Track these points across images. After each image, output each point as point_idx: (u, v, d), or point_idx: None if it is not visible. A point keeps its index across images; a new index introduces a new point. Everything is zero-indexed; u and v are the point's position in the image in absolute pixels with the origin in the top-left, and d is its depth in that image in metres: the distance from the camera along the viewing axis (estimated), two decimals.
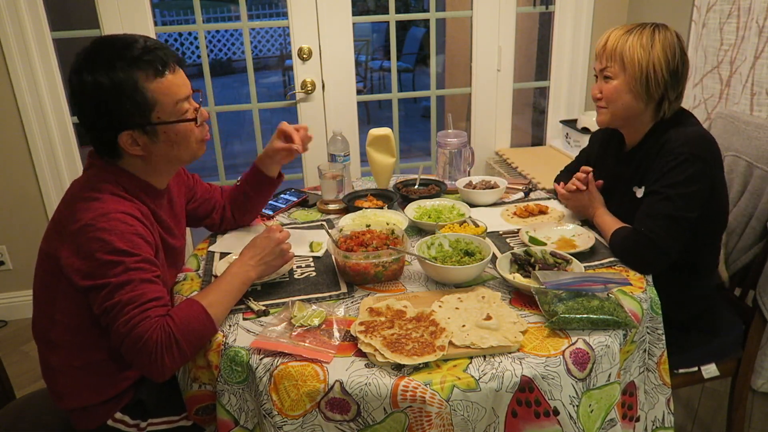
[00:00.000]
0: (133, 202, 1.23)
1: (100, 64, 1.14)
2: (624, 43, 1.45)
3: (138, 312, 1.10)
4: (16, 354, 2.51)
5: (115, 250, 1.12)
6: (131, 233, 1.16)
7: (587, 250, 1.47)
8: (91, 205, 1.16)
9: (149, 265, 1.17)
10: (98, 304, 1.13)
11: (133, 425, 1.30)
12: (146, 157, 1.24)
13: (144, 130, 1.20)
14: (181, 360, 1.13)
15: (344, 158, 1.94)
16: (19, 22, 2.41)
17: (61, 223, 1.18)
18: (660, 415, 1.37)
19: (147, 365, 1.11)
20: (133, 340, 1.09)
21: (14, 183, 2.64)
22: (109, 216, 1.15)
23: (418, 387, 1.03)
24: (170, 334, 1.10)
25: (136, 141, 1.20)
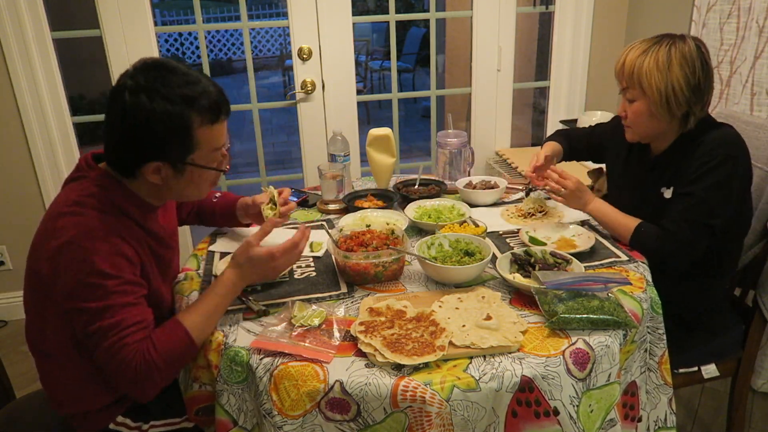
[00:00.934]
0: (119, 218, 1.19)
1: (162, 93, 1.11)
2: (641, 66, 1.41)
3: (117, 339, 1.09)
4: (16, 354, 2.51)
5: (96, 272, 1.09)
6: (113, 254, 1.12)
7: (587, 250, 1.47)
8: (74, 220, 1.12)
9: (131, 287, 1.14)
10: (80, 329, 1.12)
11: (135, 428, 1.30)
12: (160, 186, 1.21)
13: (174, 165, 1.18)
14: (162, 383, 1.14)
15: (344, 158, 1.94)
16: (19, 22, 2.41)
17: (44, 237, 1.15)
18: (662, 414, 1.37)
19: (129, 390, 1.13)
20: (113, 368, 1.10)
21: (14, 183, 2.64)
22: (91, 234, 1.11)
23: (418, 387, 1.03)
24: (150, 361, 1.10)
25: (160, 171, 1.18)
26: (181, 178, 1.20)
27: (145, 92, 1.11)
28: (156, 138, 1.13)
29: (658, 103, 1.42)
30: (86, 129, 2.73)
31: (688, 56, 1.39)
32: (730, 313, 1.63)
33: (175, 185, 1.22)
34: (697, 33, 2.31)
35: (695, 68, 1.40)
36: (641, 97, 1.44)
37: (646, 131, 1.51)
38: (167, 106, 1.11)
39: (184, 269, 1.51)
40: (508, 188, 1.92)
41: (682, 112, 1.43)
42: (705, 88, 1.43)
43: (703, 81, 1.41)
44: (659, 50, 1.41)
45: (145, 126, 1.12)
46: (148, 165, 1.16)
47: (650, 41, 1.44)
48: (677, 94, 1.40)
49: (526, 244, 1.49)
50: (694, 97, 1.41)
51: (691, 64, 1.40)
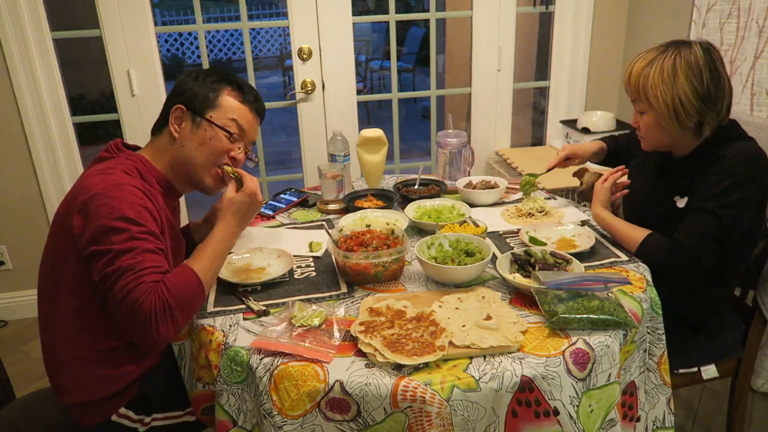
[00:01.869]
0: (144, 183, 1.27)
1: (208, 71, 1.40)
2: (646, 79, 1.38)
3: (134, 278, 1.11)
4: (16, 354, 2.51)
5: (122, 217, 1.15)
6: (140, 205, 1.19)
7: (587, 250, 1.47)
8: (103, 177, 1.20)
9: (153, 237, 1.18)
10: (98, 270, 1.14)
11: (137, 420, 1.30)
12: (176, 143, 1.34)
13: (192, 117, 1.34)
14: (174, 328, 1.14)
15: (344, 158, 1.94)
16: (19, 22, 2.41)
17: (72, 198, 1.21)
18: (660, 415, 1.37)
19: (141, 332, 1.11)
20: (127, 306, 1.10)
21: (14, 183, 2.64)
22: (120, 186, 1.19)
23: (418, 387, 1.03)
24: (164, 301, 1.11)
25: (181, 120, 1.34)
26: (196, 133, 1.34)
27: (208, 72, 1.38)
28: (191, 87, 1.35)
29: (666, 116, 1.38)
30: (86, 129, 2.74)
31: (693, 65, 1.35)
32: (730, 314, 1.63)
33: (188, 141, 1.34)
34: (697, 33, 2.31)
35: (702, 77, 1.35)
36: (649, 110, 1.42)
37: (659, 142, 1.49)
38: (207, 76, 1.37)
39: None
40: (508, 188, 1.92)
41: (694, 123, 1.39)
42: (717, 95, 1.37)
43: (713, 89, 1.36)
44: (664, 61, 1.36)
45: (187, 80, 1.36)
46: (174, 109, 1.33)
47: (656, 50, 1.40)
48: (685, 105, 1.36)
49: (526, 244, 1.49)
50: (704, 106, 1.37)
51: (698, 73, 1.35)
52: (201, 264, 1.22)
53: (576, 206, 1.82)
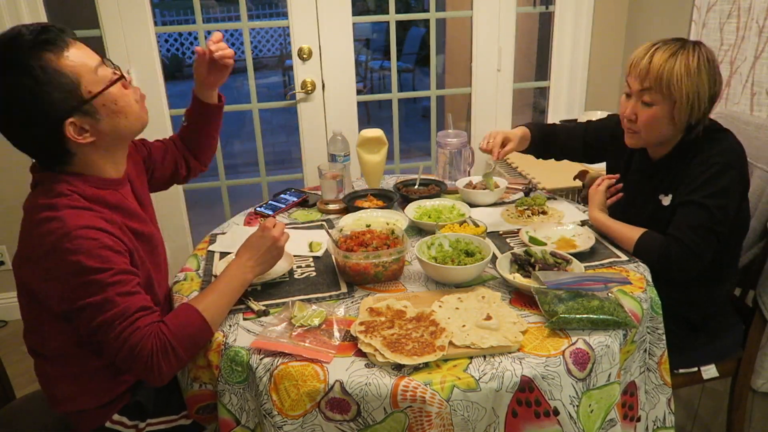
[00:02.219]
0: (93, 211, 1.14)
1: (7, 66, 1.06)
2: (671, 69, 1.35)
3: (127, 324, 1.08)
4: (16, 354, 2.50)
5: (85, 270, 1.06)
6: (98, 248, 1.08)
7: (587, 250, 1.47)
8: (50, 227, 1.08)
9: (125, 276, 1.11)
10: (83, 326, 1.10)
11: (132, 426, 1.30)
12: (97, 141, 1.15)
13: (83, 112, 1.11)
14: (178, 365, 1.13)
15: (344, 158, 1.94)
16: (19, 22, 2.41)
17: (25, 251, 1.14)
18: (661, 415, 1.37)
19: (144, 373, 1.10)
20: (127, 352, 1.08)
21: (14, 183, 2.64)
22: (71, 235, 1.07)
23: (418, 387, 1.03)
24: (165, 341, 1.09)
25: (81, 127, 1.12)
26: (101, 116, 1.14)
27: None
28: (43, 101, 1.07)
29: (684, 107, 1.37)
30: None
31: (712, 63, 1.38)
32: (730, 314, 1.63)
33: (104, 128, 1.15)
34: (697, 33, 2.31)
35: (715, 77, 1.38)
36: (663, 102, 1.39)
37: (657, 137, 1.46)
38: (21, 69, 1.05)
39: (184, 269, 1.51)
40: (508, 188, 1.92)
41: (696, 121, 1.41)
42: (716, 97, 1.41)
43: (718, 91, 1.41)
44: (688, 54, 1.36)
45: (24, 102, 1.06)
46: (67, 130, 1.10)
47: (674, 44, 1.39)
48: (701, 100, 1.37)
49: (526, 244, 1.49)
50: (709, 106, 1.40)
51: (714, 73, 1.38)
52: (207, 301, 1.19)
53: (576, 206, 1.82)
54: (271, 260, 1.32)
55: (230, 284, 1.25)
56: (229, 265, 1.29)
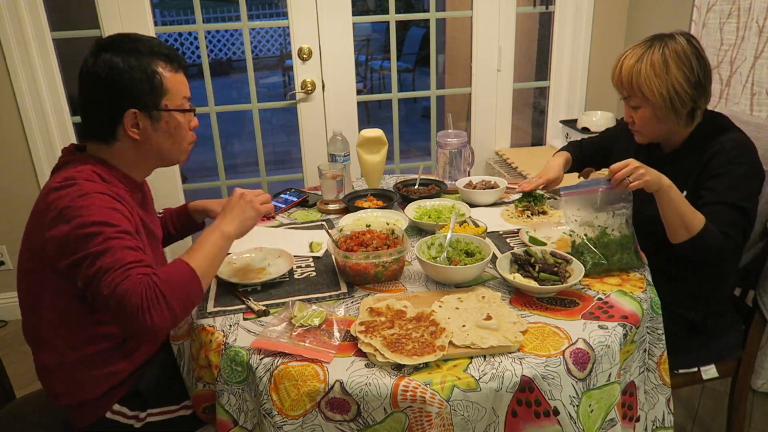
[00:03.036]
0: (109, 186, 1.22)
1: (123, 49, 1.22)
2: (638, 74, 1.40)
3: (120, 273, 1.07)
4: (16, 354, 2.51)
5: (93, 223, 1.11)
6: (108, 208, 1.15)
7: None
8: (67, 191, 1.15)
9: (129, 236, 1.14)
10: (81, 277, 1.11)
11: (132, 416, 1.30)
12: (140, 143, 1.26)
13: (149, 114, 1.24)
14: (171, 317, 1.08)
15: (344, 158, 1.94)
16: (19, 22, 2.41)
17: (39, 215, 1.18)
18: (660, 415, 1.37)
19: (134, 324, 1.05)
20: (117, 300, 1.05)
21: (14, 183, 2.64)
22: (86, 196, 1.14)
23: (419, 387, 1.03)
24: (155, 289, 1.06)
25: (137, 123, 1.24)
26: (159, 128, 1.26)
27: (105, 50, 1.21)
28: (127, 84, 1.21)
29: (663, 107, 1.41)
30: None
31: (682, 55, 1.39)
32: (730, 314, 1.63)
33: (154, 138, 1.27)
34: (697, 33, 2.31)
35: (692, 65, 1.40)
36: (645, 104, 1.44)
37: (657, 134, 1.51)
38: (130, 57, 1.21)
39: None
40: (508, 188, 1.92)
41: (688, 110, 1.44)
42: (705, 81, 1.43)
43: (703, 75, 1.42)
44: (653, 54, 1.40)
45: (114, 76, 1.20)
46: (127, 116, 1.22)
47: (642, 46, 1.43)
48: (680, 93, 1.40)
49: (526, 244, 1.49)
50: (696, 92, 1.42)
51: (687, 62, 1.39)
52: (194, 255, 1.18)
53: None
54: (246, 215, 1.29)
55: (211, 239, 1.23)
56: (207, 228, 1.28)
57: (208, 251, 1.21)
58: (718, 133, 1.44)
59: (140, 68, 1.22)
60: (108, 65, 1.20)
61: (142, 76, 1.22)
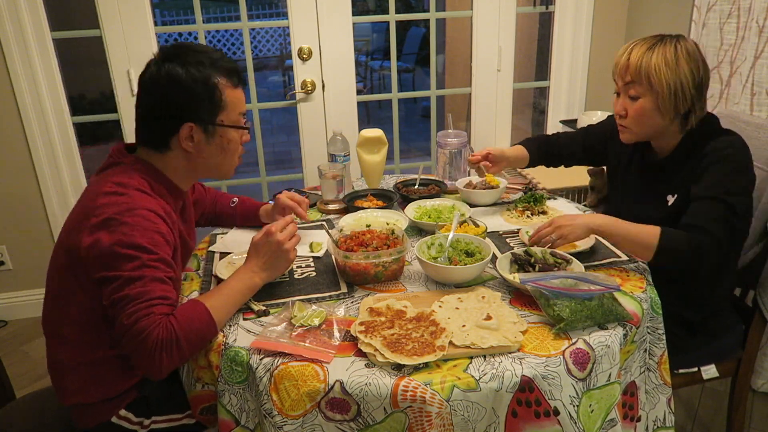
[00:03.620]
0: (157, 200, 1.24)
1: (187, 60, 1.22)
2: (649, 61, 1.40)
3: (144, 307, 1.10)
4: (16, 354, 2.51)
5: (133, 245, 1.12)
6: (153, 231, 1.16)
7: (587, 250, 1.47)
8: (117, 199, 1.17)
9: (164, 265, 1.16)
10: (107, 296, 1.13)
11: (137, 423, 1.30)
12: (193, 156, 1.28)
13: (205, 128, 1.26)
14: (179, 360, 1.13)
15: (344, 158, 1.94)
16: (19, 22, 2.41)
17: (84, 216, 1.18)
18: (661, 414, 1.37)
19: (145, 361, 1.10)
20: (134, 334, 1.09)
21: (14, 183, 2.64)
22: (134, 212, 1.16)
23: (419, 387, 1.03)
24: (172, 332, 1.10)
25: (192, 136, 1.25)
26: (212, 142, 1.28)
27: (169, 61, 1.22)
28: (187, 97, 1.22)
29: (666, 98, 1.41)
30: (86, 129, 2.74)
31: (692, 53, 1.41)
32: (730, 314, 1.63)
33: (206, 152, 1.29)
34: (697, 33, 2.31)
35: (699, 65, 1.42)
36: (647, 94, 1.43)
37: (647, 130, 1.49)
38: (192, 69, 1.22)
39: (185, 269, 1.51)
40: (508, 188, 1.92)
41: (685, 110, 1.44)
42: (705, 85, 1.44)
43: (705, 79, 1.43)
44: (665, 47, 1.41)
45: (175, 88, 1.21)
46: (183, 128, 1.23)
47: (652, 39, 1.44)
48: (684, 89, 1.41)
49: (526, 244, 1.49)
50: (697, 94, 1.43)
51: (696, 61, 1.41)
52: (214, 301, 1.20)
53: (575, 206, 1.82)
54: (278, 264, 1.31)
55: (236, 286, 1.26)
56: (238, 268, 1.30)
57: (232, 298, 1.24)
58: (710, 137, 1.44)
59: (202, 81, 1.22)
60: (170, 76, 1.21)
61: (203, 90, 1.23)
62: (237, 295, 1.25)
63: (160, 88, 1.22)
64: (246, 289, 1.27)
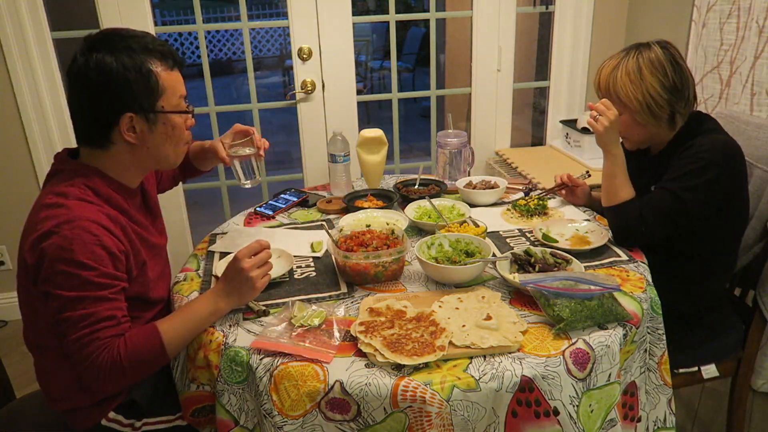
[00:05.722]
0: (101, 207, 1.18)
1: (115, 47, 1.15)
2: (615, 81, 1.48)
3: (88, 333, 1.09)
4: (16, 354, 2.51)
5: (73, 261, 1.08)
6: (94, 244, 1.11)
7: (602, 246, 1.47)
8: (56, 212, 1.12)
9: (109, 280, 1.12)
10: (52, 314, 1.12)
11: (128, 425, 1.30)
12: (137, 147, 1.22)
13: (146, 117, 1.19)
14: (123, 385, 1.16)
15: (344, 158, 1.94)
16: (19, 22, 2.41)
17: (29, 230, 1.15)
18: (661, 415, 1.37)
19: (89, 381, 1.14)
20: (80, 360, 1.10)
21: (14, 183, 2.64)
22: (72, 224, 1.10)
23: (418, 387, 1.03)
24: (117, 361, 1.10)
25: (134, 127, 1.19)
26: (156, 131, 1.21)
27: (96, 50, 1.14)
28: (121, 87, 1.15)
29: (641, 111, 1.47)
30: None
31: (656, 62, 1.45)
32: (730, 313, 1.63)
33: (151, 141, 1.22)
34: (697, 33, 2.31)
35: (666, 71, 1.45)
36: (624, 110, 1.50)
37: (640, 138, 1.56)
38: (123, 56, 1.14)
39: (184, 269, 1.51)
40: (508, 188, 1.92)
41: (667, 114, 1.48)
42: (683, 85, 1.47)
43: (678, 80, 1.46)
44: (628, 62, 1.47)
45: (107, 78, 1.14)
46: (122, 119, 1.17)
47: (619, 56, 1.50)
48: (656, 98, 1.45)
49: (540, 241, 1.51)
50: (673, 97, 1.46)
51: (661, 68, 1.45)
52: (171, 323, 1.18)
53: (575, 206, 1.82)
54: (243, 291, 1.23)
55: (199, 311, 1.22)
56: (206, 291, 1.27)
57: (192, 323, 1.20)
58: (697, 134, 1.48)
59: (134, 68, 1.15)
60: (100, 66, 1.13)
61: (137, 77, 1.15)
62: (198, 321, 1.21)
63: (92, 82, 1.14)
64: (208, 315, 1.22)
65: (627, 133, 1.54)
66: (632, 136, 1.55)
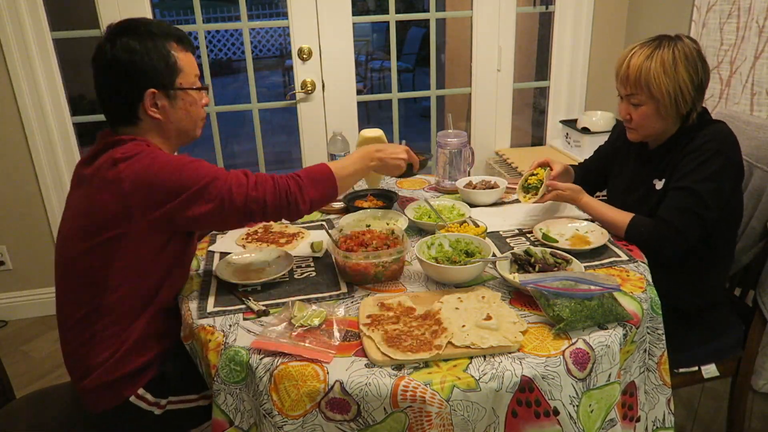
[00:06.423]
0: None
1: (139, 32, 1.29)
2: (648, 70, 1.43)
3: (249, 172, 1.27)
4: (16, 354, 2.51)
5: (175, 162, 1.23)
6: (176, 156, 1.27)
7: (601, 246, 1.47)
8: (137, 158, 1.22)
9: None
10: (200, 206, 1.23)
11: (154, 403, 1.31)
12: (161, 122, 1.33)
13: (167, 93, 1.31)
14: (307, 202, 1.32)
15: None
16: (19, 22, 2.42)
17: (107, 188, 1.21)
18: (660, 415, 1.37)
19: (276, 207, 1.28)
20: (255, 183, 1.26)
21: (14, 183, 2.64)
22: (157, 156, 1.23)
23: (418, 387, 1.03)
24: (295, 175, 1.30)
25: (156, 103, 1.30)
26: (176, 106, 1.34)
27: (120, 36, 1.28)
28: (145, 66, 1.27)
29: (668, 105, 1.45)
30: (86, 129, 2.74)
31: (690, 56, 1.43)
32: (730, 313, 1.63)
33: (174, 116, 1.34)
34: (697, 33, 2.31)
35: (697, 67, 1.44)
36: (649, 101, 1.47)
37: (654, 131, 1.54)
38: (147, 38, 1.28)
39: None
40: (508, 188, 1.92)
41: (687, 110, 1.48)
42: (705, 85, 1.47)
43: (705, 79, 1.46)
44: (663, 53, 1.43)
45: (134, 59, 1.27)
46: (146, 95, 1.28)
47: (651, 45, 1.46)
48: (684, 94, 1.44)
49: (539, 240, 1.50)
50: (698, 95, 1.46)
51: (694, 64, 1.43)
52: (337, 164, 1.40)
53: None
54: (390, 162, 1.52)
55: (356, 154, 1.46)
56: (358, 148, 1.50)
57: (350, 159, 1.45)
58: (700, 128, 1.48)
59: (156, 50, 1.28)
60: (126, 49, 1.26)
61: (159, 57, 1.28)
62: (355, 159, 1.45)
63: (120, 63, 1.26)
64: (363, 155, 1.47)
65: (644, 124, 1.52)
66: (648, 128, 1.53)
